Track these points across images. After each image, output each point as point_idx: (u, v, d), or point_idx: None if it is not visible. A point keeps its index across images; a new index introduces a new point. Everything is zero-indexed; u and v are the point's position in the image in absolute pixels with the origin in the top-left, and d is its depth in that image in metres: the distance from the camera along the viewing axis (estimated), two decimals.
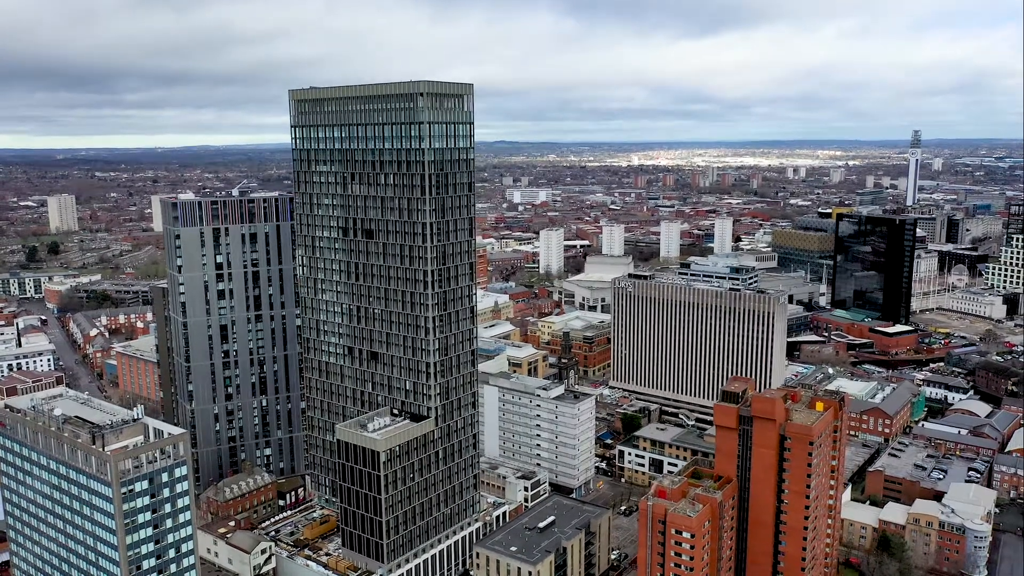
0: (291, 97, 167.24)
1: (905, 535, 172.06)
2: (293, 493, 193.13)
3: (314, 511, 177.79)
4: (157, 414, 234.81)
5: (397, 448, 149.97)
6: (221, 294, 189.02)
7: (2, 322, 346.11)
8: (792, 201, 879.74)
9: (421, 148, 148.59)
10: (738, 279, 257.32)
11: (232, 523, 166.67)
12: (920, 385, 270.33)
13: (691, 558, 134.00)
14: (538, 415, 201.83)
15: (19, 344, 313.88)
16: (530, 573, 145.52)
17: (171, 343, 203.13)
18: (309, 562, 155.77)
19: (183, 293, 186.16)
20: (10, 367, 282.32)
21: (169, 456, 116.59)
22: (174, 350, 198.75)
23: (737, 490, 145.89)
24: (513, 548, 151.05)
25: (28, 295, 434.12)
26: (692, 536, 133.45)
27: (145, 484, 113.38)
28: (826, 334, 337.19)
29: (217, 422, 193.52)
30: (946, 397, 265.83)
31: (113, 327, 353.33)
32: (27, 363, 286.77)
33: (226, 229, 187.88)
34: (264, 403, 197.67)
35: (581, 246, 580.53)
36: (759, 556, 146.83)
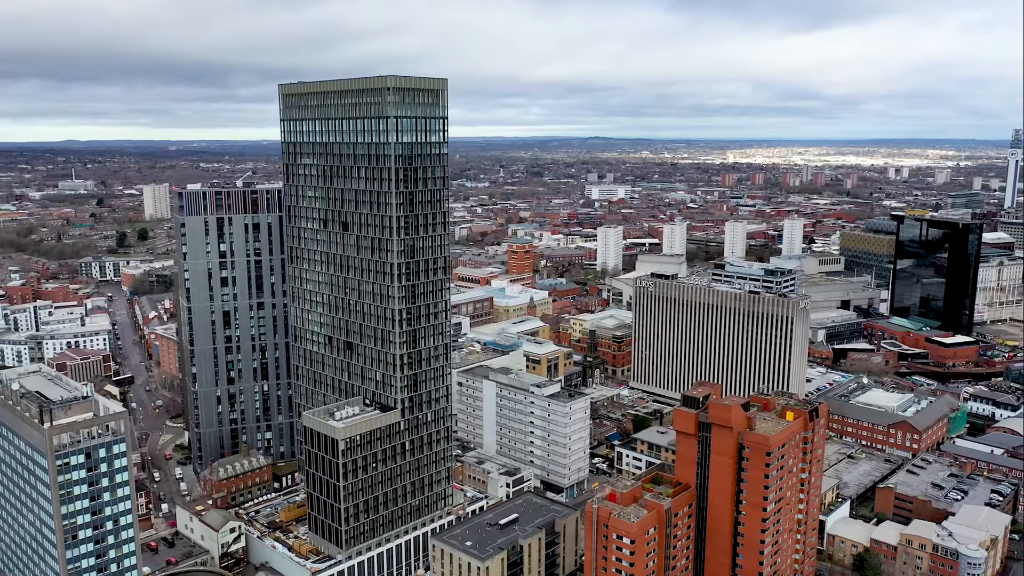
0: (280, 92, 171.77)
1: (897, 556, 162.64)
2: (290, 477, 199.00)
3: (297, 495, 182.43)
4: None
5: (358, 437, 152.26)
6: (224, 281, 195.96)
7: (74, 303, 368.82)
8: (886, 203, 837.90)
9: (388, 142, 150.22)
10: (772, 282, 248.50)
11: (210, 501, 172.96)
12: (966, 400, 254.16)
13: (632, 564, 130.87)
14: (532, 412, 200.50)
15: (83, 323, 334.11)
16: (479, 569, 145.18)
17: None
18: (276, 544, 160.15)
19: (188, 280, 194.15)
20: (68, 345, 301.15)
21: (109, 433, 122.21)
22: (181, 333, 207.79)
23: (695, 499, 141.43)
24: (468, 543, 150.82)
25: (108, 278, 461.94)
26: (633, 543, 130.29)
27: (81, 458, 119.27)
28: (877, 342, 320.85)
29: (219, 404, 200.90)
30: (993, 414, 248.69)
31: (174, 311, 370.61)
32: (84, 342, 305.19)
33: (230, 219, 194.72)
34: (265, 388, 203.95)
35: (650, 244, 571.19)
36: (716, 569, 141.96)
